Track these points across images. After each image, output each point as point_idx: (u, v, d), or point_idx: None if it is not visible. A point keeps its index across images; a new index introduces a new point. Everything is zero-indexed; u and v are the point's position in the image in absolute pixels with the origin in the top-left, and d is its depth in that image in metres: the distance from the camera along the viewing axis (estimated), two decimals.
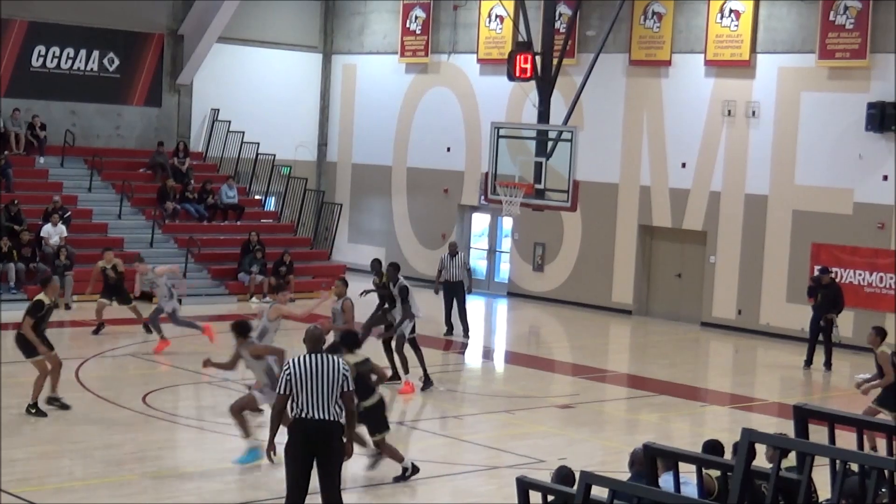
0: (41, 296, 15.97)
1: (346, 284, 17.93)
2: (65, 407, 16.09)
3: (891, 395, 15.78)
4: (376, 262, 20.26)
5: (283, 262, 28.38)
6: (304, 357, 10.74)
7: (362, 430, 13.26)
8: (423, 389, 18.74)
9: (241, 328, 14.37)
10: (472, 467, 14.78)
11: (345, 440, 10.80)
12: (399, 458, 13.62)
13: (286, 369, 10.69)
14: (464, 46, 31.42)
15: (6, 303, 23.91)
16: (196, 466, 13.52)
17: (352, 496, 11.60)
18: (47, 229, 26.63)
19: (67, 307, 25.14)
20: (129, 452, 13.57)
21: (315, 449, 10.64)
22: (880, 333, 16.23)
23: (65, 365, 16.46)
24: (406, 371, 18.68)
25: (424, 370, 18.91)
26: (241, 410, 14.09)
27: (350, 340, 13.46)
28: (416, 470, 13.66)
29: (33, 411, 15.75)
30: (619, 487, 6.87)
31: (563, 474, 9.04)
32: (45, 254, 26.26)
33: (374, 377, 13.49)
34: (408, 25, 32.52)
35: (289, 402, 10.79)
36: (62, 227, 26.79)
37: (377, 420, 13.45)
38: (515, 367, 22.38)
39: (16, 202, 26.86)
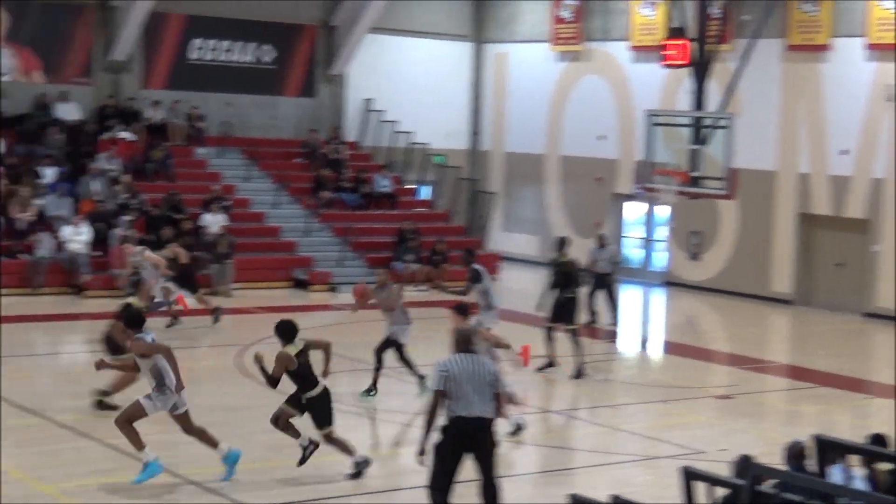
0: (133, 299, 15.66)
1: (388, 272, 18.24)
2: (107, 407, 15.04)
3: None
4: (560, 241, 20.19)
5: (436, 251, 28.51)
6: (459, 356, 10.86)
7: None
8: (575, 377, 18.69)
9: (129, 317, 12.69)
10: (630, 457, 14.64)
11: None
12: (350, 452, 12.89)
13: (442, 368, 10.77)
14: (616, 33, 31.11)
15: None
16: (360, 451, 13.58)
17: (510, 486, 11.58)
18: (207, 218, 27.17)
19: (228, 295, 25.63)
20: (287, 437, 13.66)
21: (470, 445, 10.75)
22: None
23: (223, 352, 16.65)
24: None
25: (580, 362, 18.79)
26: (129, 422, 12.35)
27: (286, 331, 12.73)
28: (368, 462, 12.92)
29: (101, 405, 15.18)
30: (791, 480, 6.71)
31: (797, 451, 8.39)
32: (204, 242, 26.79)
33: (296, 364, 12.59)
34: (559, 13, 32.34)
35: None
36: (221, 216, 27.31)
37: (321, 413, 12.74)
38: (671, 357, 22.14)
39: (175, 192, 27.49)
